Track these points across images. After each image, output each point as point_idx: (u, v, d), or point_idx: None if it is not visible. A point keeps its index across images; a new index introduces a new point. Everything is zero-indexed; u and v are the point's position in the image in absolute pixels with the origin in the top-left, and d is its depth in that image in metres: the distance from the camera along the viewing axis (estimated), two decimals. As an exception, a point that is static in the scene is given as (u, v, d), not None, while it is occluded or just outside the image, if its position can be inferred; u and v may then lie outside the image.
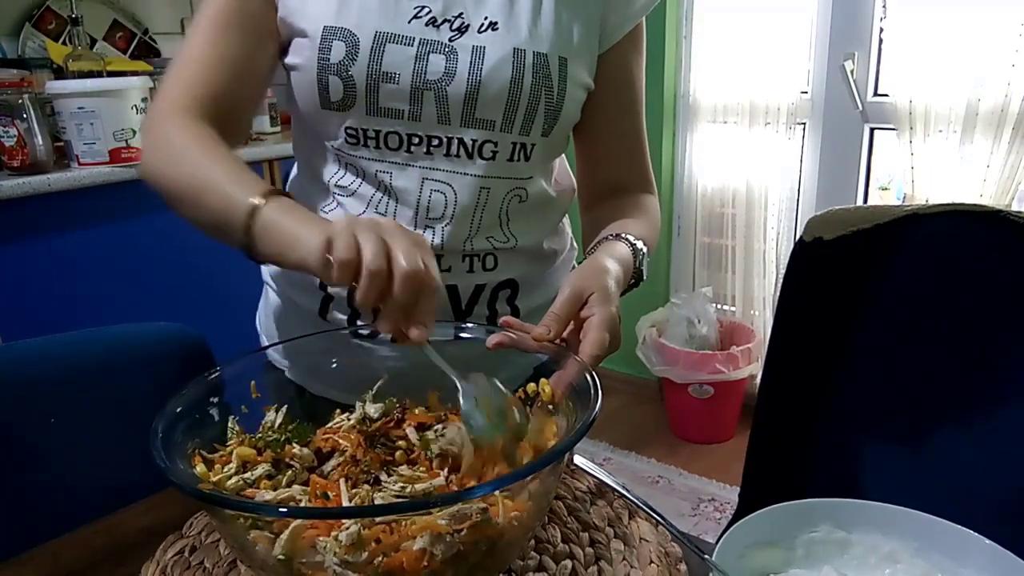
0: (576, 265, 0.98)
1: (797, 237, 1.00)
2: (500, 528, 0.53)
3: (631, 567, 0.64)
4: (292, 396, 0.82)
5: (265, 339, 0.97)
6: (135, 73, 2.17)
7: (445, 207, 0.80)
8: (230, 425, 0.66)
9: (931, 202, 1.49)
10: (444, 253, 0.82)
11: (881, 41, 2.23)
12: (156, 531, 0.71)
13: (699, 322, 2.55)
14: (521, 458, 0.60)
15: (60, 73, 2.15)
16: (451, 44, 0.77)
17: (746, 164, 2.50)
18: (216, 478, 0.59)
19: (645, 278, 0.82)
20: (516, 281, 0.87)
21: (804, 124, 2.43)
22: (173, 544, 0.69)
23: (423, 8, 0.77)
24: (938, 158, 2.08)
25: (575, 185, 0.96)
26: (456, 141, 0.79)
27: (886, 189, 2.65)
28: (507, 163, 0.81)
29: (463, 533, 0.51)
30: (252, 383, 0.70)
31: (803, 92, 2.39)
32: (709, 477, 2.42)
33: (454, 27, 0.77)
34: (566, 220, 0.98)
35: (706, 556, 0.58)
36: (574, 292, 0.68)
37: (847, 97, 2.32)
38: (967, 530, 0.59)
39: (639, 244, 0.80)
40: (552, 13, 0.79)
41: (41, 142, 1.86)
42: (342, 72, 0.75)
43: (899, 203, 2.32)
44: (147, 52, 2.55)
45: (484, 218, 0.82)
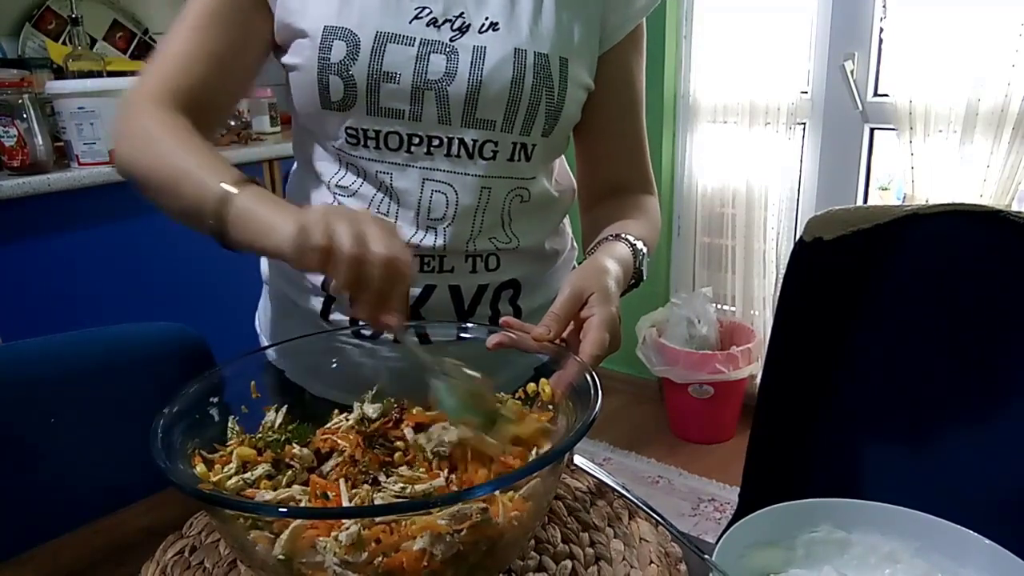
0: (576, 265, 0.98)
1: (797, 237, 1.00)
2: (500, 528, 0.53)
3: (631, 567, 0.64)
4: (292, 396, 0.82)
5: (265, 339, 0.97)
6: (135, 73, 2.16)
7: (446, 207, 0.80)
8: (230, 425, 0.66)
9: (931, 202, 1.49)
10: (447, 254, 0.82)
11: (881, 41, 2.23)
12: (156, 531, 0.71)
13: (699, 322, 2.55)
14: (505, 442, 0.60)
15: (60, 73, 2.15)
16: (452, 44, 0.77)
17: (746, 164, 2.50)
18: (216, 478, 0.60)
19: (645, 278, 0.82)
20: (519, 281, 0.87)
21: (804, 124, 2.43)
22: (173, 544, 0.69)
23: (424, 8, 0.77)
24: (938, 158, 2.08)
25: (575, 185, 0.96)
26: (457, 141, 0.79)
27: (886, 189, 2.65)
28: (507, 163, 0.81)
29: (463, 533, 0.51)
30: (252, 383, 0.70)
31: (803, 92, 2.39)
32: (709, 477, 2.42)
33: (455, 27, 0.77)
34: (567, 220, 0.98)
35: (706, 556, 0.58)
36: (574, 292, 0.68)
37: (847, 97, 2.31)
38: (967, 530, 0.59)
39: (639, 244, 0.80)
40: (553, 13, 0.79)
41: (41, 142, 1.86)
42: (343, 72, 0.75)
43: (899, 203, 2.32)
44: (147, 52, 2.55)
45: (486, 218, 0.82)
